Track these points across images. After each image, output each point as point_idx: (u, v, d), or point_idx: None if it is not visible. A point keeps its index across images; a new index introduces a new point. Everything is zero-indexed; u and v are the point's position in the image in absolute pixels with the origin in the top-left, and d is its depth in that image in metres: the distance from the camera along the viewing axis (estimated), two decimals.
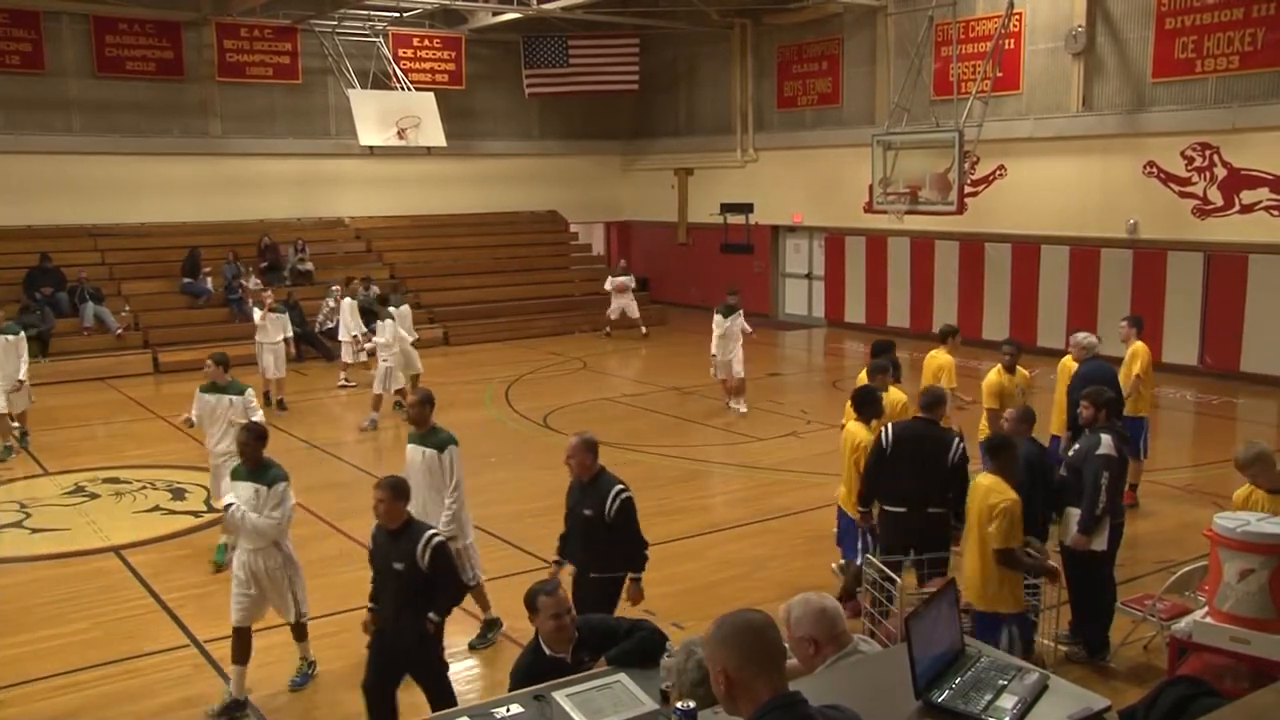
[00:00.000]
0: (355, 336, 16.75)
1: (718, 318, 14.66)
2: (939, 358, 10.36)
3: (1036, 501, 6.70)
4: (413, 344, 15.29)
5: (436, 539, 5.76)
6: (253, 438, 6.87)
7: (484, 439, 13.46)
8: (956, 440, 7.04)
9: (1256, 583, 5.00)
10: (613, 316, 21.99)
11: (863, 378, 8.89)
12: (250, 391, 9.31)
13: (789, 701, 2.58)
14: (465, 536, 7.42)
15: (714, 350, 14.68)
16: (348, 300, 17.06)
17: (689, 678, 3.45)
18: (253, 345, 15.42)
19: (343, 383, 17.28)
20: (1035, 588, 6.65)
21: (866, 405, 7.56)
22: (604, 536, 6.14)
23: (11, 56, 20.16)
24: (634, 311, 22.01)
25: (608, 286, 22.31)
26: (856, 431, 7.52)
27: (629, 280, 22.32)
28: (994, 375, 9.67)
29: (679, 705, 2.71)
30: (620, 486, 6.15)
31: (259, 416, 8.89)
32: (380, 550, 5.90)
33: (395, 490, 5.83)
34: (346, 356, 17.14)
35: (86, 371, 18.04)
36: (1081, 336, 9.85)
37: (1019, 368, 9.81)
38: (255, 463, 6.81)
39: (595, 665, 4.65)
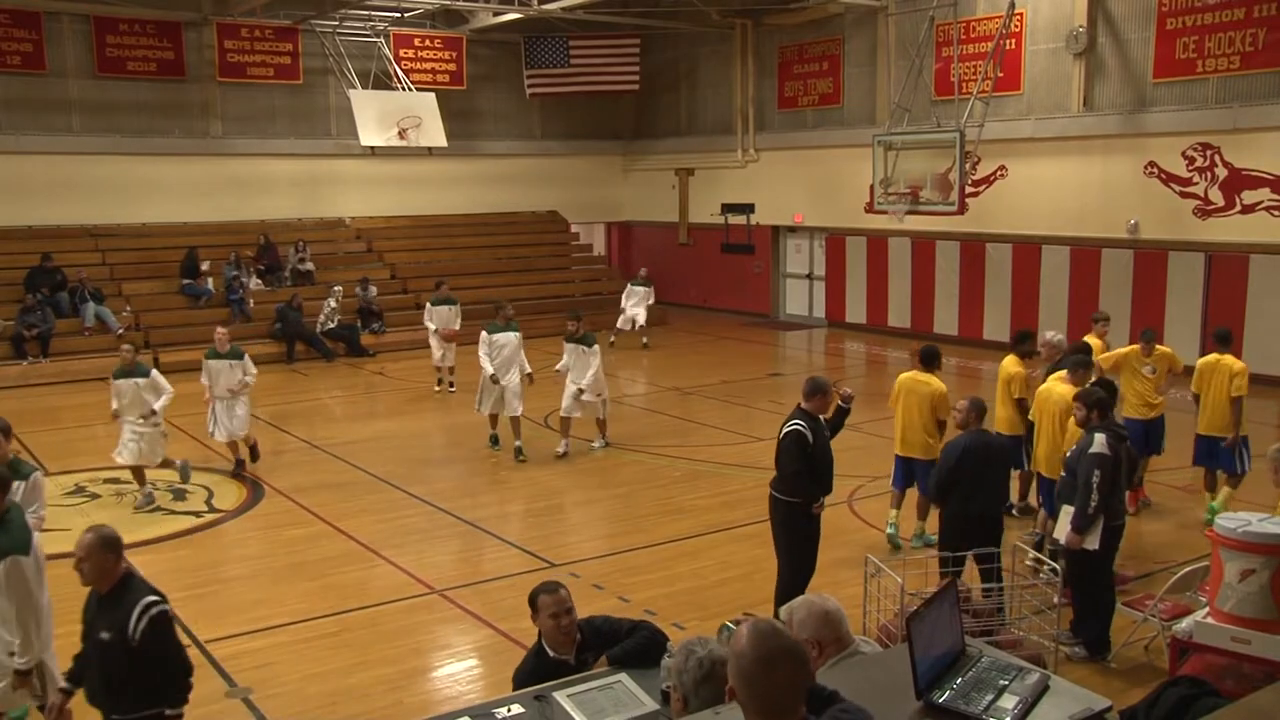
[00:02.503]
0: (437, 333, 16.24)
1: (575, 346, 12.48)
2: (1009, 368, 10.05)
3: (988, 489, 7.29)
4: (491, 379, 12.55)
5: None
6: None
7: (485, 439, 13.45)
8: (789, 422, 7.24)
9: (1257, 583, 5.00)
10: (624, 327, 20.63)
11: (906, 377, 9.35)
12: (37, 476, 6.54)
13: None
14: (46, 652, 5.61)
15: (584, 384, 12.33)
16: (444, 306, 16.52)
17: (690, 677, 3.45)
18: (250, 346, 15.02)
19: (439, 386, 16.55)
20: (1000, 590, 6.75)
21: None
22: (129, 667, 4.59)
23: (12, 57, 20.16)
24: (642, 319, 20.77)
25: (627, 299, 20.89)
26: (1065, 396, 8.08)
27: (649, 291, 20.96)
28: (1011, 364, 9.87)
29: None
30: (152, 598, 4.64)
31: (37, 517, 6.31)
32: None
33: None
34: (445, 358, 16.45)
35: (87, 371, 18.03)
36: (1050, 336, 9.92)
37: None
38: None
39: (596, 665, 4.65)
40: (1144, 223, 17.22)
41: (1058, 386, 8.48)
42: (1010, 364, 9.75)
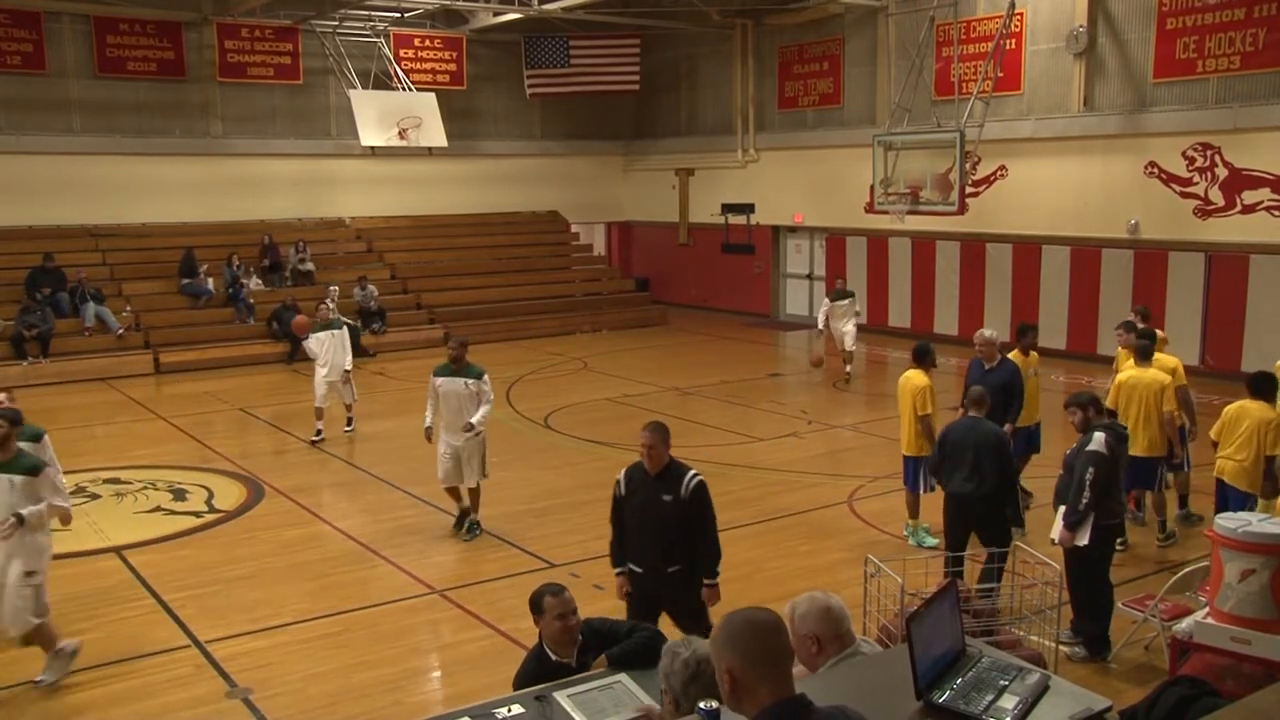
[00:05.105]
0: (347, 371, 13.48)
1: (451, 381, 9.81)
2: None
3: (969, 471, 7.32)
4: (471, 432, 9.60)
5: None
6: None
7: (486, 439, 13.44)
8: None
9: (1257, 583, 5.00)
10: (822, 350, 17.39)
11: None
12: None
13: (793, 706, 2.55)
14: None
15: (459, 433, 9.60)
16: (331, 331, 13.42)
17: (677, 679, 3.44)
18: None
19: (316, 437, 13.40)
20: (991, 590, 6.74)
21: (1270, 388, 8.05)
22: None
23: (13, 57, 20.16)
24: (850, 342, 16.83)
25: (824, 315, 16.93)
26: (1264, 411, 7.89)
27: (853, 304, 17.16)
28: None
29: (702, 705, 2.67)
30: None
31: None
32: None
33: None
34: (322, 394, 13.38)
35: (87, 372, 18.04)
36: (988, 333, 9.54)
37: (1032, 351, 10.01)
38: None
39: (595, 666, 4.65)
40: (1144, 223, 17.22)
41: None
42: (916, 377, 9.09)
